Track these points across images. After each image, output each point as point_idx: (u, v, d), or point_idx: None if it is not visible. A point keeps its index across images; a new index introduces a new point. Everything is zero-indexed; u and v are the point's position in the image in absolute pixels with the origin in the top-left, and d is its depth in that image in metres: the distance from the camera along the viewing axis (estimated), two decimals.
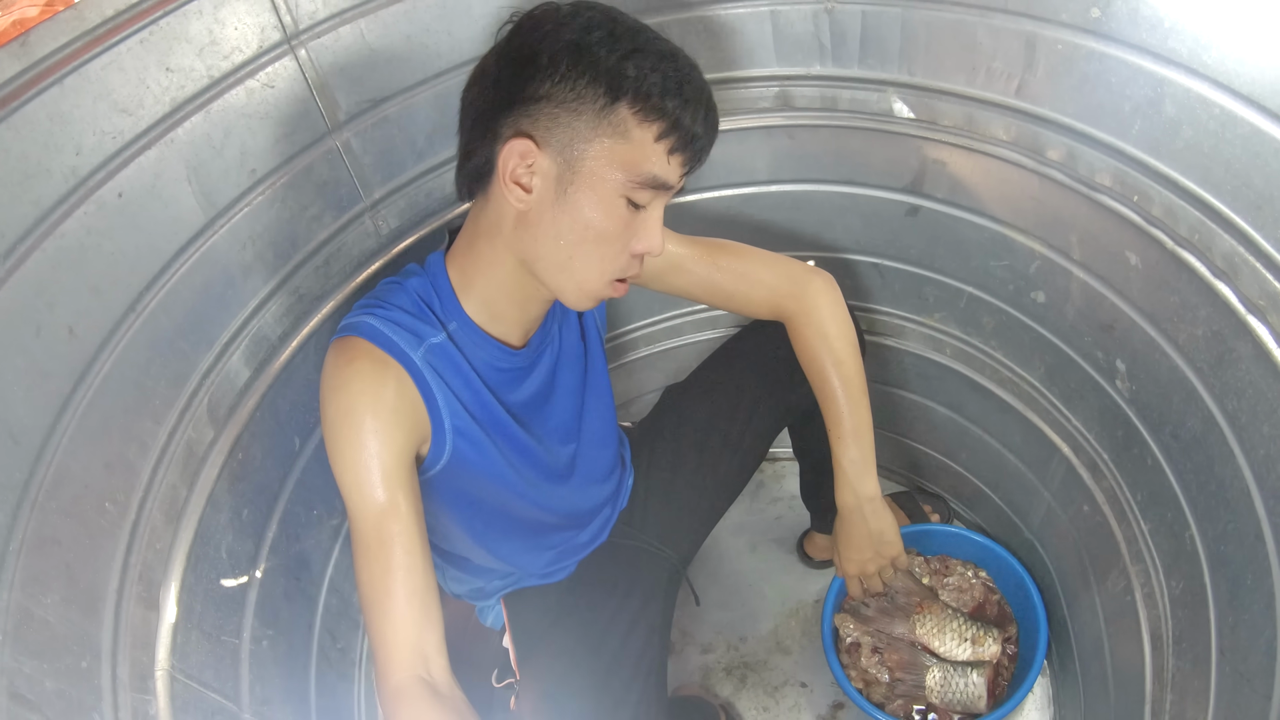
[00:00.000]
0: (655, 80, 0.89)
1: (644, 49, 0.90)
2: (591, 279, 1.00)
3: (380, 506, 0.96)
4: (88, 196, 0.85)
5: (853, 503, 1.34)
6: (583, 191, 0.93)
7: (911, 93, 1.29)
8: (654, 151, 0.92)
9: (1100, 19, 1.04)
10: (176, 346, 0.98)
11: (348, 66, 1.10)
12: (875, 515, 1.35)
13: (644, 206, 0.96)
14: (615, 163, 0.92)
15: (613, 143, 0.91)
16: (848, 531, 1.38)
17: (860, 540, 1.37)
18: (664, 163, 0.93)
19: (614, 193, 0.93)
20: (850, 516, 1.36)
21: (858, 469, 1.32)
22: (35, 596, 0.78)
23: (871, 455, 1.33)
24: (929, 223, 1.45)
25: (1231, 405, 1.06)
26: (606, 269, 0.99)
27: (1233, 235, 1.01)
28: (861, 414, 1.31)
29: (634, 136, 0.91)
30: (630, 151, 0.91)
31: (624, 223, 0.96)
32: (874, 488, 1.34)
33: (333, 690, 1.28)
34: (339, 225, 1.19)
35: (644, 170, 0.92)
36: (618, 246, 0.98)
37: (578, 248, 0.96)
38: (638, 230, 0.98)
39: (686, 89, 0.91)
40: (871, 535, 1.36)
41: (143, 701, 0.89)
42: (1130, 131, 1.08)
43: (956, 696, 1.62)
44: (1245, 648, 1.02)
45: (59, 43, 0.80)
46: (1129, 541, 1.34)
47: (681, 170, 0.96)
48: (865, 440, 1.32)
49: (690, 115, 0.92)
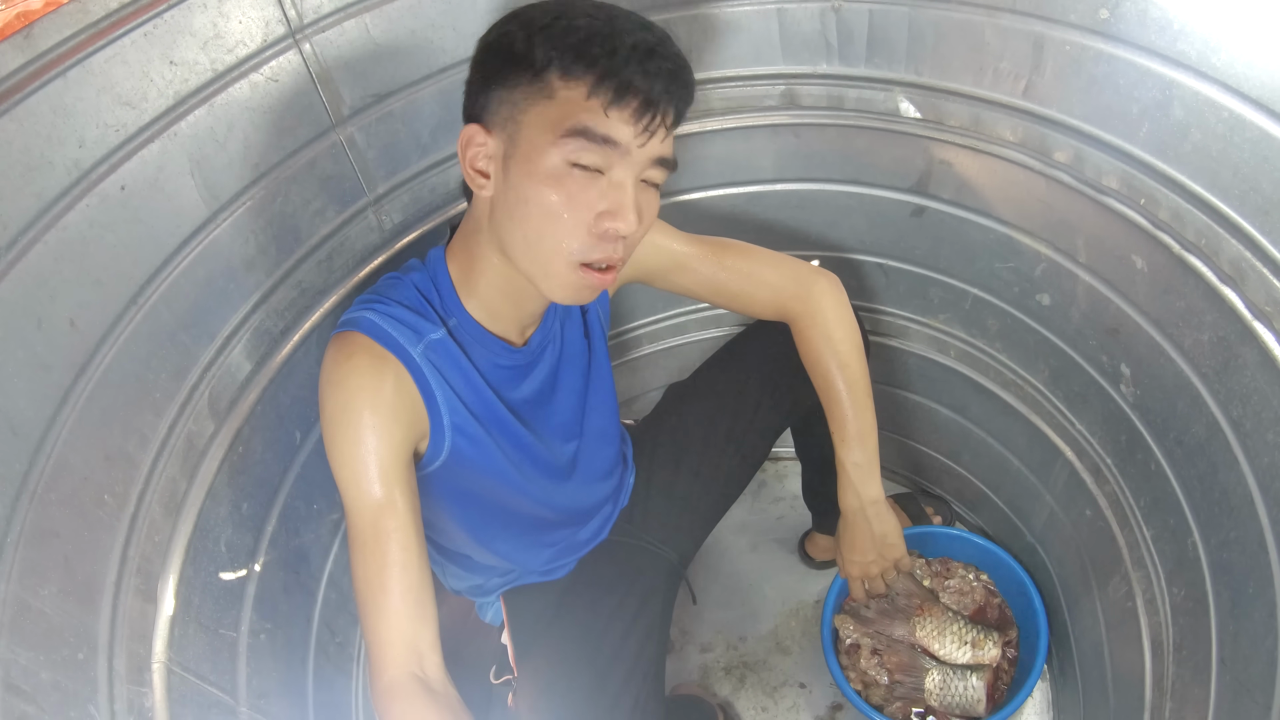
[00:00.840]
0: (579, 38, 0.87)
1: (569, 14, 0.89)
2: (554, 262, 0.94)
3: (377, 502, 0.96)
4: (90, 189, 0.85)
5: (856, 505, 1.34)
6: (521, 164, 0.91)
7: (918, 92, 1.28)
8: (586, 108, 0.88)
9: (1109, 20, 1.03)
10: (178, 339, 0.98)
11: (352, 61, 1.10)
12: (879, 518, 1.35)
13: (598, 170, 0.91)
14: (545, 126, 0.89)
15: (543, 107, 0.89)
16: (851, 534, 1.38)
17: (864, 543, 1.37)
18: (600, 117, 0.88)
19: (551, 158, 0.90)
20: (854, 519, 1.36)
21: (862, 472, 1.32)
22: (33, 588, 0.78)
23: (876, 458, 1.33)
24: (934, 223, 1.45)
25: (1236, 411, 1.06)
26: (563, 247, 0.93)
27: (1240, 240, 1.00)
28: (866, 417, 1.31)
29: (560, 96, 0.88)
30: (558, 110, 0.89)
31: (572, 193, 0.91)
32: (878, 491, 1.34)
33: (330, 685, 1.29)
34: (342, 220, 1.18)
35: (572, 122, 0.88)
36: (571, 221, 0.92)
37: (532, 226, 0.93)
38: (603, 201, 0.92)
39: (617, 40, 0.87)
40: (875, 538, 1.36)
41: (139, 694, 0.89)
42: (1138, 134, 1.08)
43: (956, 700, 1.62)
44: (1246, 657, 1.02)
45: (62, 35, 0.80)
46: (1131, 547, 1.33)
47: (633, 126, 0.89)
48: (870, 443, 1.32)
49: (624, 63, 0.87)
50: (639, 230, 0.95)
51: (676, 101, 0.92)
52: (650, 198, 0.97)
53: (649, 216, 0.97)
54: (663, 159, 0.94)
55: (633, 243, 0.98)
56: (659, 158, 0.94)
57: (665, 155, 0.94)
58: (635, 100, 0.88)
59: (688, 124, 1.41)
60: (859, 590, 1.46)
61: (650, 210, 0.97)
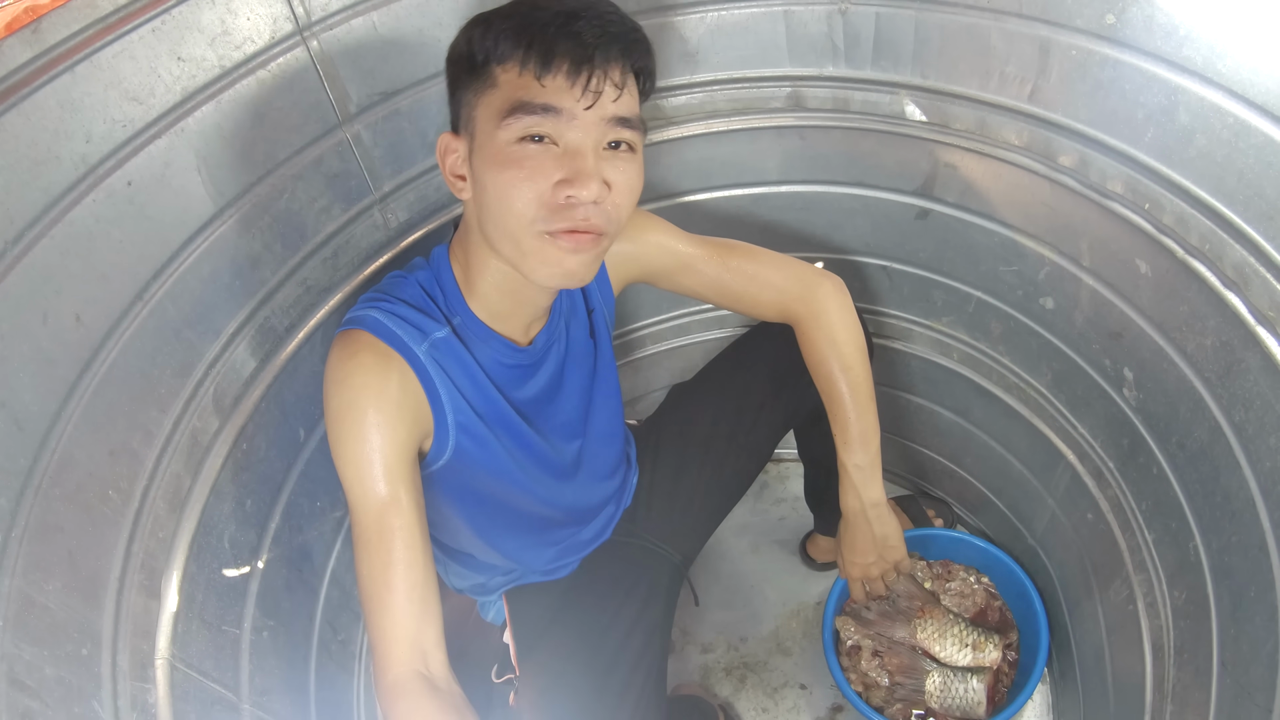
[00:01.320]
0: (508, 25, 0.89)
1: (507, 10, 0.91)
2: (522, 237, 0.93)
3: (381, 500, 0.96)
4: (97, 184, 0.85)
5: (857, 507, 1.34)
6: (480, 154, 0.93)
7: (924, 95, 1.28)
8: (521, 84, 0.89)
9: (1115, 25, 1.03)
10: (183, 336, 0.98)
11: (359, 59, 1.10)
12: (880, 520, 1.35)
13: (552, 141, 0.90)
14: (492, 113, 0.91)
15: (489, 97, 0.91)
16: (852, 536, 1.38)
17: (864, 544, 1.37)
18: (536, 87, 0.88)
19: (499, 139, 0.90)
20: (855, 521, 1.36)
21: (864, 474, 1.32)
22: (37, 583, 0.78)
23: (878, 460, 1.33)
24: (939, 226, 1.45)
25: (1239, 416, 1.06)
26: (526, 218, 0.92)
27: (1244, 245, 1.01)
28: (868, 419, 1.31)
29: (501, 81, 0.90)
30: (500, 95, 0.90)
31: (526, 166, 0.90)
32: (879, 493, 1.34)
33: (333, 682, 1.29)
34: (348, 217, 1.19)
35: (511, 101, 0.89)
36: (529, 191, 0.91)
37: (497, 207, 0.93)
38: (560, 170, 0.91)
39: (541, 14, 0.88)
40: (876, 540, 1.36)
41: (142, 690, 0.90)
42: (1143, 139, 1.08)
43: (956, 702, 1.62)
44: (1247, 660, 1.02)
45: (70, 30, 0.80)
46: (1132, 550, 1.33)
47: (570, 89, 0.89)
48: (872, 445, 1.32)
49: (544, 30, 0.87)
50: (614, 197, 0.94)
51: (616, 57, 0.90)
52: (623, 163, 0.95)
53: (625, 182, 0.95)
54: (620, 118, 0.92)
55: (614, 212, 0.95)
56: (615, 117, 0.92)
57: (622, 114, 0.92)
58: (564, 62, 0.88)
59: (693, 124, 1.41)
60: (859, 591, 1.46)
61: (624, 176, 0.95)
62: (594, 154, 0.91)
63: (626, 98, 0.93)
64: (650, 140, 1.43)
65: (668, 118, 1.42)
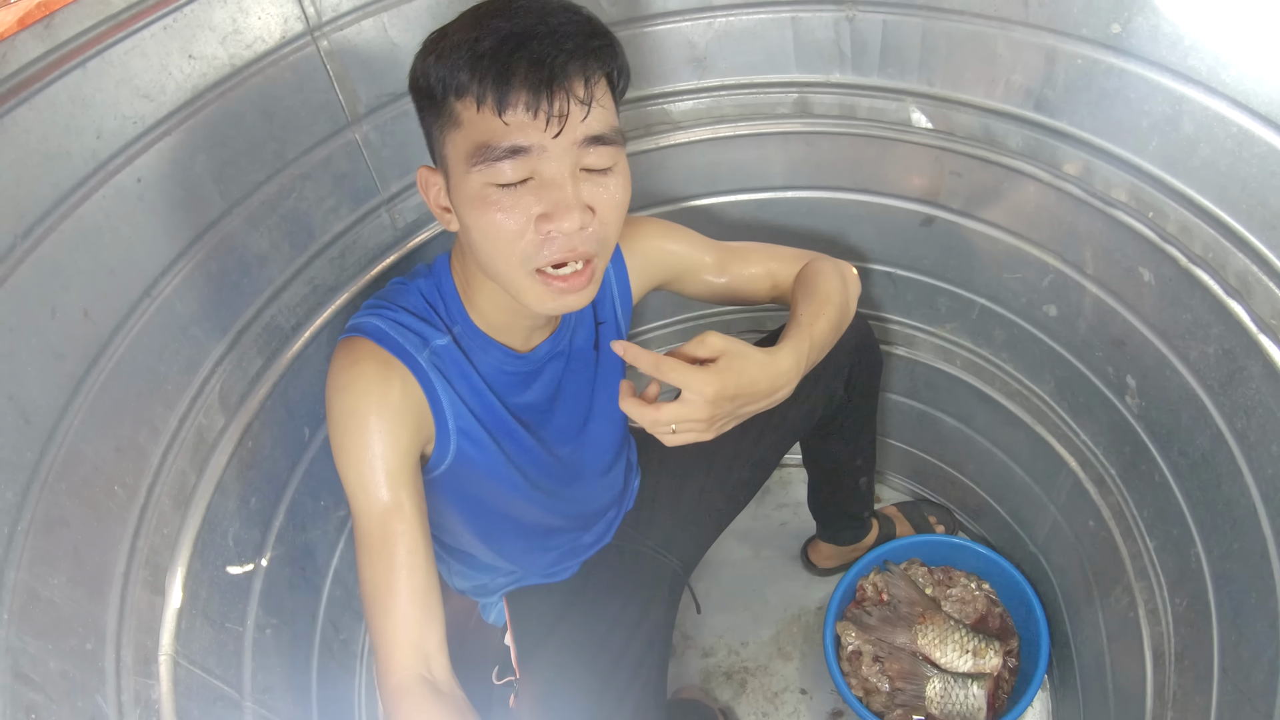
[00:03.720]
0: (455, 53, 0.84)
1: (450, 30, 0.87)
2: (513, 276, 0.92)
3: (384, 506, 0.96)
4: (107, 180, 0.85)
5: (791, 363, 1.06)
6: (456, 195, 0.92)
7: (930, 103, 1.29)
8: (483, 123, 0.85)
9: (1121, 35, 1.04)
10: (190, 333, 0.99)
11: (369, 60, 1.10)
12: (774, 378, 1.04)
13: (520, 182, 0.87)
14: (460, 155, 0.88)
15: (454, 135, 0.88)
16: (741, 367, 0.99)
17: (749, 381, 1.00)
18: (498, 126, 0.84)
19: (471, 184, 0.88)
20: (764, 361, 1.02)
21: (797, 350, 1.08)
22: (42, 577, 0.79)
23: (807, 359, 1.10)
24: (943, 233, 1.45)
25: (1241, 424, 1.06)
26: (515, 259, 0.90)
27: (1246, 254, 1.01)
28: (821, 325, 1.13)
29: (463, 119, 0.86)
30: (463, 134, 0.87)
31: (504, 207, 0.87)
32: (792, 369, 1.06)
33: (335, 681, 1.29)
34: (355, 218, 1.19)
35: (474, 144, 0.86)
36: (512, 233, 0.88)
37: (483, 249, 0.92)
38: (540, 204, 0.88)
39: (486, 40, 0.83)
40: (759, 388, 1.02)
41: (145, 685, 0.90)
42: (1147, 148, 1.08)
43: (956, 708, 1.62)
44: (1248, 666, 1.02)
45: (83, 26, 0.81)
46: (1134, 557, 1.33)
47: (533, 121, 0.84)
48: (814, 348, 1.12)
49: (495, 58, 0.82)
50: (600, 217, 0.91)
51: (576, 72, 0.85)
52: (605, 182, 0.91)
53: (608, 200, 0.91)
54: (594, 137, 0.88)
55: (602, 231, 0.92)
56: (588, 138, 0.87)
57: (595, 132, 0.88)
58: (522, 93, 0.83)
59: (700, 129, 1.42)
60: (649, 418, 0.98)
61: (607, 193, 0.91)
62: (571, 181, 0.88)
63: (598, 111, 0.87)
64: (657, 145, 1.44)
65: (675, 122, 1.42)
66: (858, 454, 1.61)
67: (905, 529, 1.94)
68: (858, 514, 1.78)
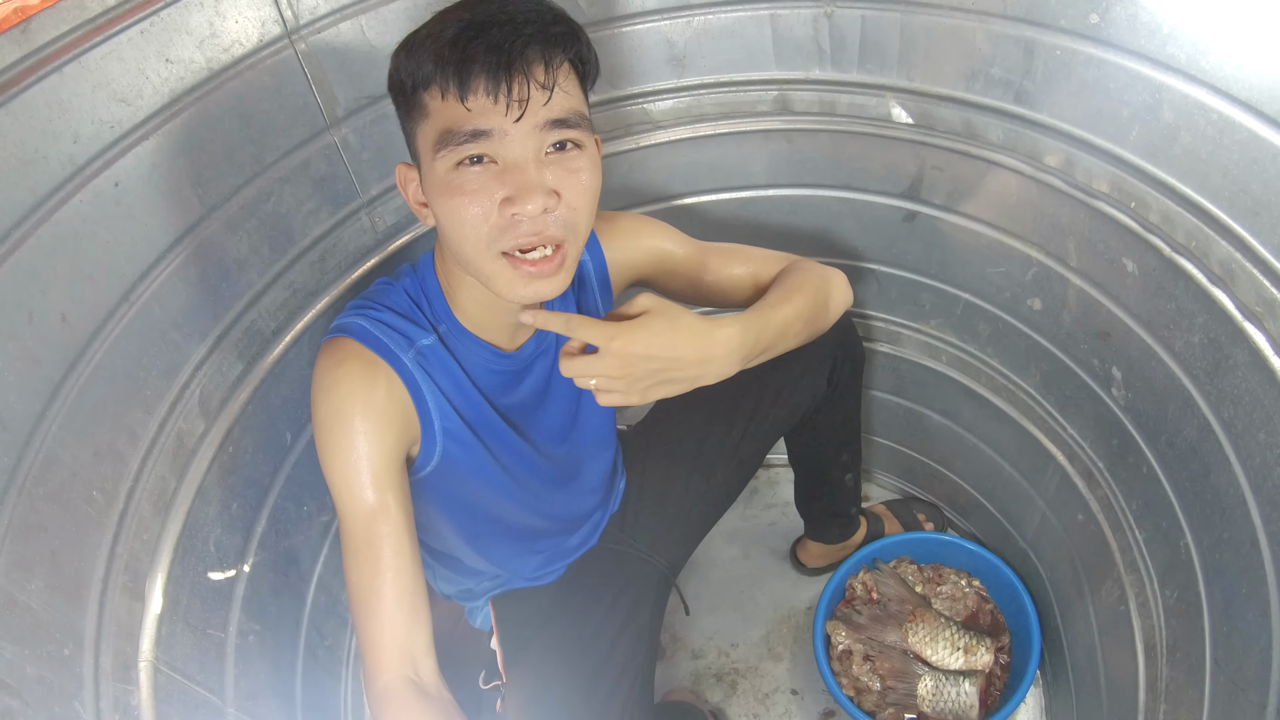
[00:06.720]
0: (426, 49, 0.86)
1: (421, 29, 0.89)
2: (481, 260, 0.92)
3: (370, 508, 0.96)
4: (84, 185, 0.85)
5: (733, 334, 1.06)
6: (427, 184, 0.93)
7: (910, 98, 1.29)
8: (447, 110, 0.87)
9: (1099, 25, 1.04)
10: (169, 337, 0.98)
11: (347, 62, 1.10)
12: (698, 348, 1.03)
13: (491, 160, 0.88)
14: (428, 144, 0.90)
15: (424, 126, 0.90)
16: (660, 327, 1.00)
17: (657, 341, 1.00)
18: (461, 112, 0.86)
19: (438, 170, 0.89)
20: (688, 326, 1.02)
21: (746, 327, 1.08)
22: (19, 582, 0.78)
23: (758, 341, 1.10)
24: (926, 229, 1.45)
25: (1228, 413, 1.06)
26: (480, 242, 0.90)
27: (1230, 241, 1.01)
28: (784, 314, 1.13)
29: (430, 109, 0.88)
30: (431, 123, 0.89)
31: (468, 190, 0.88)
32: (731, 343, 1.06)
33: (319, 687, 1.28)
34: (335, 221, 1.19)
35: (439, 131, 0.88)
36: (477, 215, 0.89)
37: (451, 234, 0.92)
38: (504, 188, 0.88)
39: (444, 34, 0.85)
40: (670, 355, 1.01)
41: (125, 692, 0.89)
42: (1128, 137, 1.09)
43: (949, 706, 1.61)
44: (1240, 657, 1.02)
45: (59, 31, 0.80)
46: (1123, 550, 1.33)
47: (493, 105, 0.85)
48: (768, 335, 1.12)
49: (455, 46, 0.84)
50: (567, 202, 0.91)
51: (536, 57, 0.86)
52: (571, 166, 0.91)
53: (575, 187, 0.91)
54: (555, 120, 0.89)
55: (571, 216, 0.92)
56: (549, 121, 0.88)
57: (556, 116, 0.89)
58: (481, 78, 0.84)
59: (680, 128, 1.42)
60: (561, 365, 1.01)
61: (574, 177, 0.91)
62: (535, 165, 0.89)
63: (560, 95, 0.88)
64: (637, 145, 1.43)
65: (655, 122, 1.42)
66: (843, 450, 1.61)
67: (894, 527, 1.93)
68: (845, 511, 1.78)
